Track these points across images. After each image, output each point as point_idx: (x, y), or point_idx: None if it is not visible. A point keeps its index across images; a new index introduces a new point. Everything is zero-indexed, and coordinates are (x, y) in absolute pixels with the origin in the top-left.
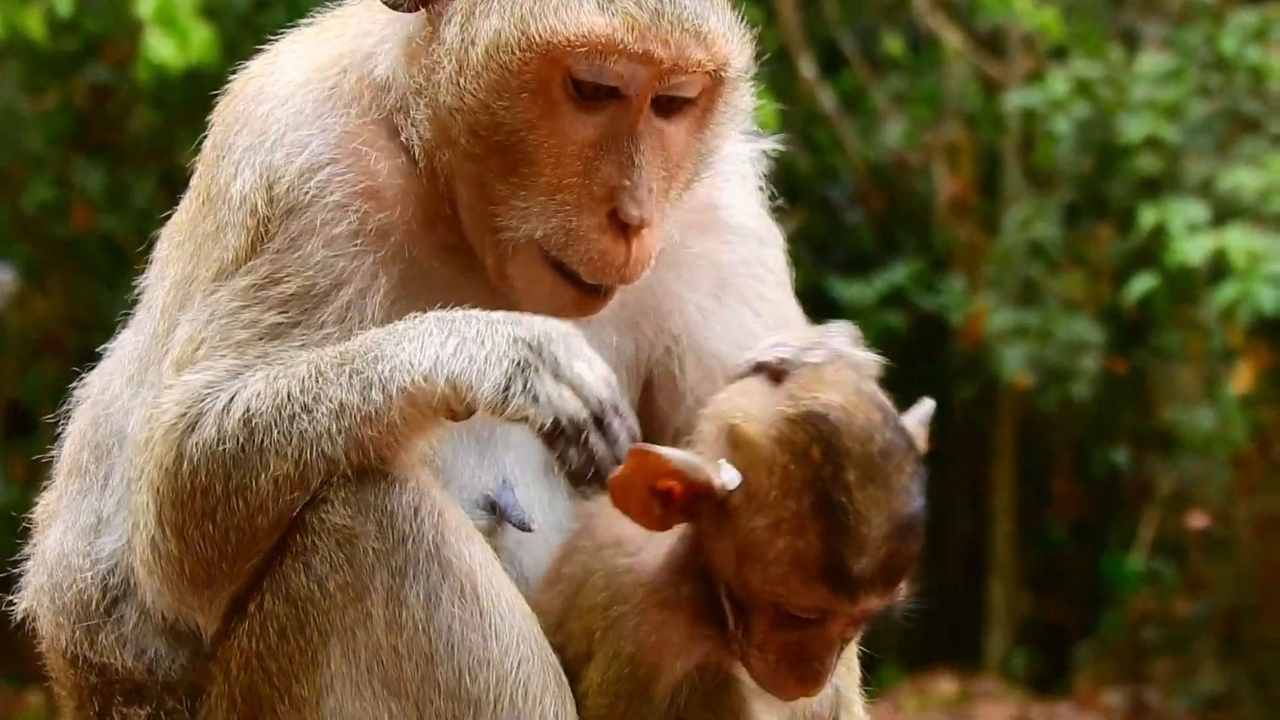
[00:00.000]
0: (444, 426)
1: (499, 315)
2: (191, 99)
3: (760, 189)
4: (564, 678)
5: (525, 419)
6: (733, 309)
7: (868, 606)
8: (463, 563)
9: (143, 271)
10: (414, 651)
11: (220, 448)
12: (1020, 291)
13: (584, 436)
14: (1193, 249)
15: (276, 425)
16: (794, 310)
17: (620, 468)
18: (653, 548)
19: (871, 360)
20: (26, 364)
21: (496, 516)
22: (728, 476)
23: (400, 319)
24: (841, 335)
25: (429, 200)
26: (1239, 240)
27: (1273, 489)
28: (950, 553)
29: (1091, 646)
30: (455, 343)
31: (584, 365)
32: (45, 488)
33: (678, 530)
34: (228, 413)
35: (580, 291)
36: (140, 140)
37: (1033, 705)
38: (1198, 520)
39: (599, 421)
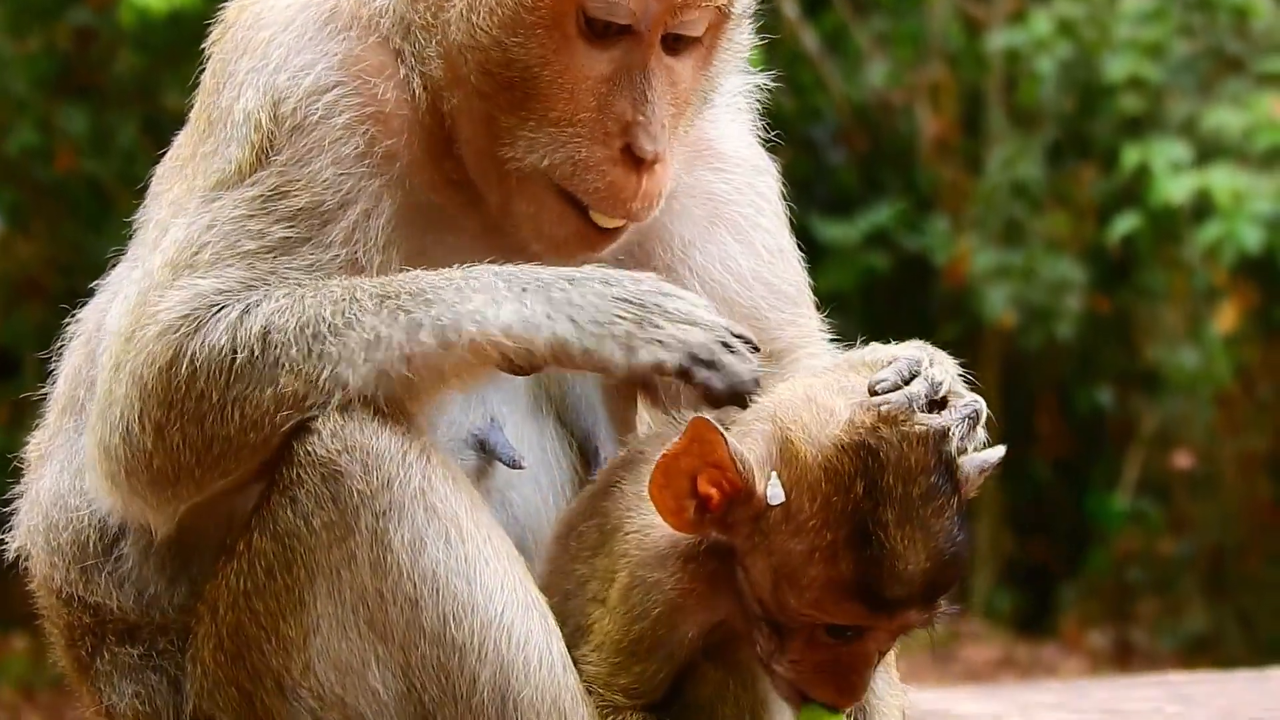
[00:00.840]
0: (494, 378)
1: (575, 273)
2: (175, 42)
3: (753, 122)
4: (551, 622)
5: (658, 367)
6: (725, 239)
7: (906, 621)
8: (448, 507)
9: (127, 215)
10: (399, 595)
11: (229, 356)
12: (1004, 231)
13: (716, 360)
14: (1176, 188)
15: (296, 342)
16: (788, 240)
17: (675, 441)
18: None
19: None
20: (10, 308)
21: (486, 455)
22: (774, 492)
23: (400, 247)
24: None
25: (431, 133)
26: (1222, 179)
27: (1257, 428)
28: None
29: (1076, 586)
30: (539, 299)
31: (683, 301)
32: (35, 427)
33: None
34: (242, 323)
35: (587, 224)
36: (124, 84)
37: (1017, 645)
38: (1182, 459)
39: (725, 345)
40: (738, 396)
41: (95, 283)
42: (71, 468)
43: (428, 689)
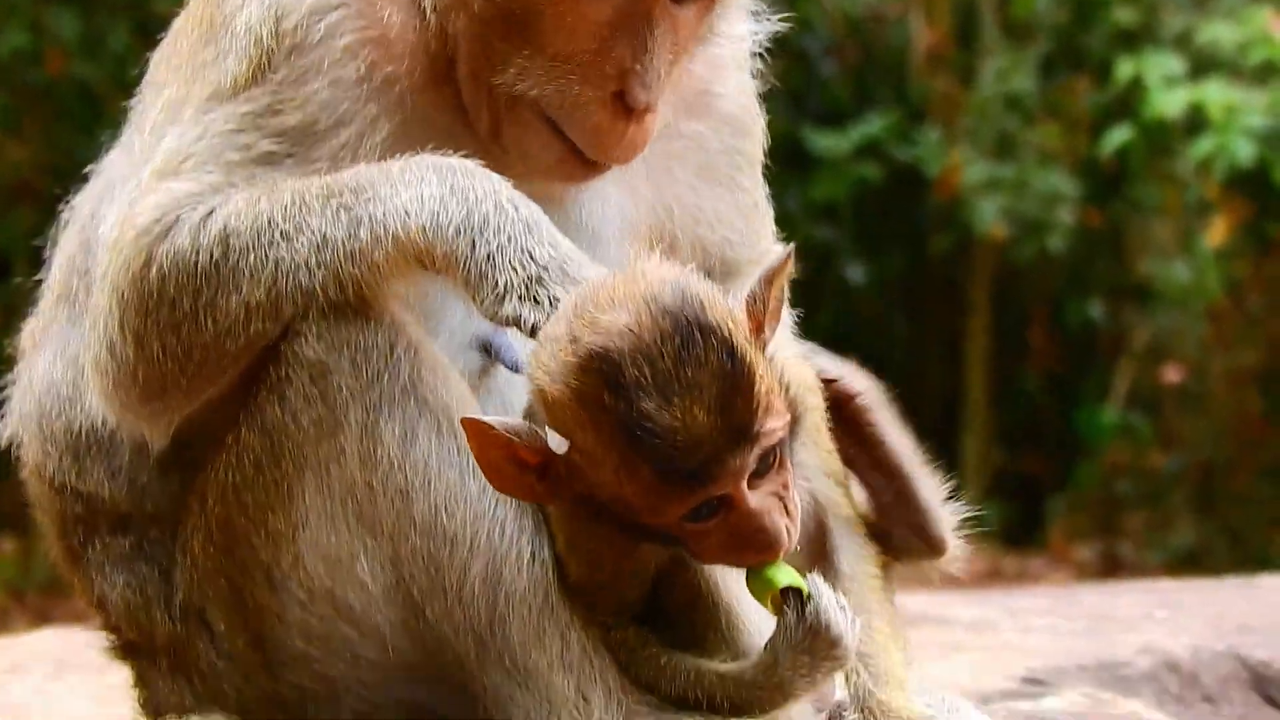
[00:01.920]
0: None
1: (508, 199)
2: None
3: (752, 73)
4: (542, 518)
5: (516, 323)
6: (713, 192)
7: (739, 467)
8: (439, 399)
9: (118, 119)
10: (389, 488)
11: (193, 259)
12: (996, 144)
13: None
14: (1169, 102)
15: (254, 249)
16: (762, 196)
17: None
18: None
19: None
20: (2, 211)
21: (490, 358)
22: (555, 442)
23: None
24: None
25: (435, 58)
26: (1216, 93)
27: (1247, 342)
28: (924, 406)
29: (1065, 500)
30: (460, 210)
31: (582, 275)
32: (28, 315)
33: None
34: (204, 226)
35: (573, 154)
36: None
37: (1005, 558)
38: (1172, 374)
39: None
40: None
41: (90, 167)
42: (65, 356)
43: (417, 580)
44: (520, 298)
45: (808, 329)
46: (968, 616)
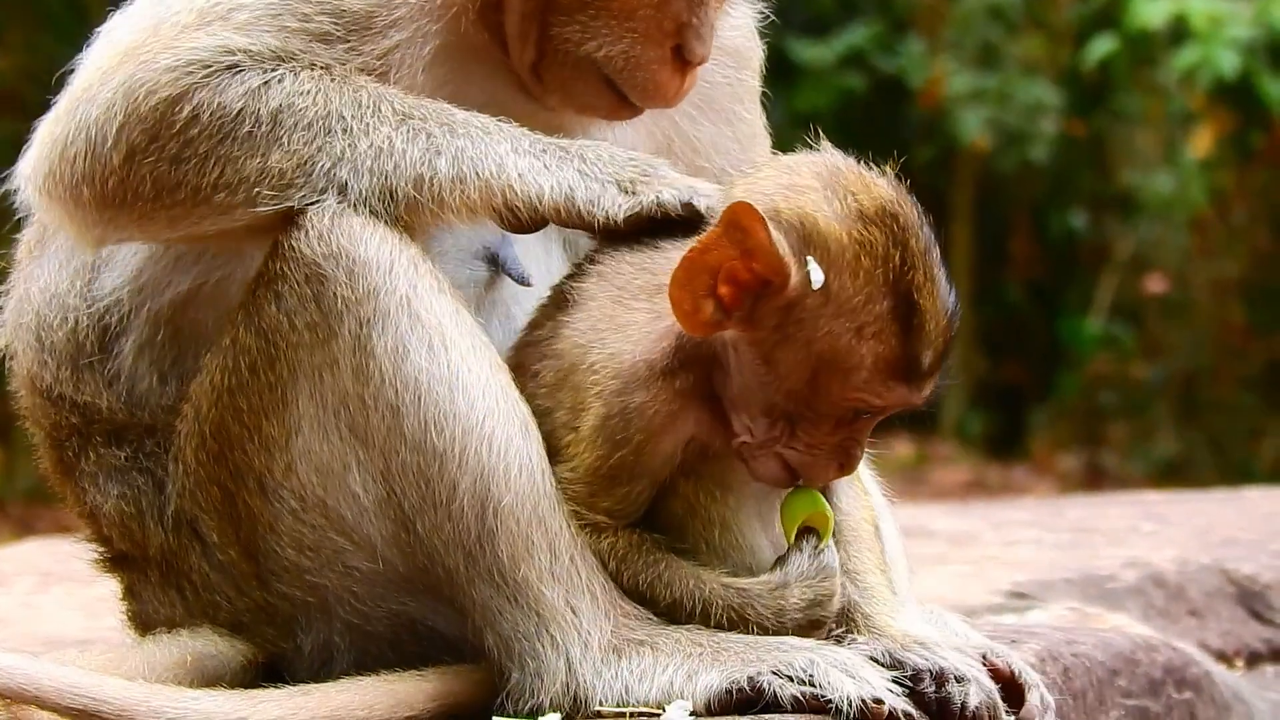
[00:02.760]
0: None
1: (587, 145)
2: None
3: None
4: (533, 430)
5: (659, 205)
6: (712, 124)
7: (927, 388)
8: (432, 315)
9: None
10: (380, 402)
11: (235, 120)
12: (979, 54)
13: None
14: (1153, 12)
15: (308, 129)
16: (760, 126)
17: (711, 229)
18: (655, 338)
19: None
20: None
21: (495, 269)
22: (816, 276)
23: (431, 83)
24: None
25: None
26: (1199, 4)
27: (1230, 252)
28: None
29: (1048, 410)
30: (555, 163)
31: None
32: (22, 226)
33: (676, 330)
34: (260, 95)
35: (621, 102)
36: None
37: (988, 468)
38: (1155, 284)
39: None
40: None
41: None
42: (70, 267)
43: (408, 495)
44: (648, 187)
45: None
46: (950, 529)
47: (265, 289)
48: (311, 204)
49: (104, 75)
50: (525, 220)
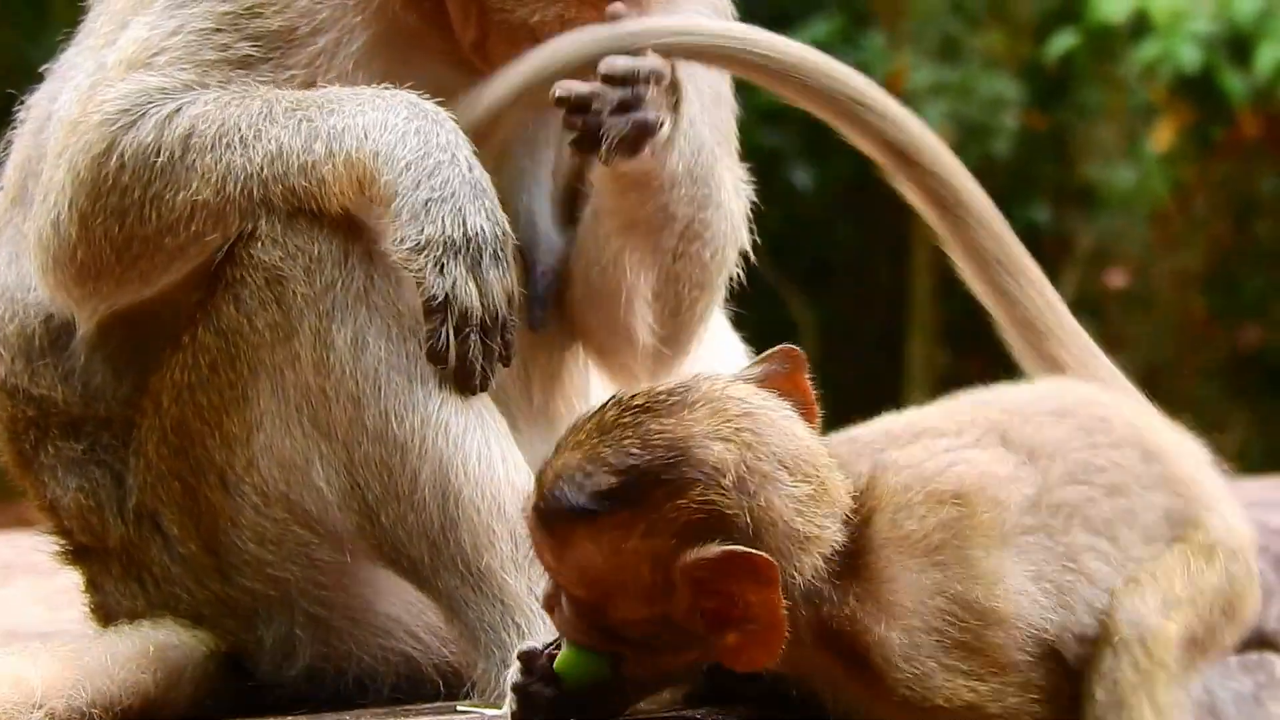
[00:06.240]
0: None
1: (466, 158)
2: None
3: None
4: (491, 420)
5: (419, 278)
6: None
7: None
8: (390, 305)
9: (66, 23)
10: (341, 394)
11: (153, 153)
12: (941, 47)
13: (467, 333)
14: (1114, 6)
15: (211, 149)
16: (726, 88)
17: None
18: None
19: None
20: None
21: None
22: None
23: (368, 72)
24: None
25: None
26: None
27: (1191, 245)
28: (870, 309)
29: None
30: (418, 149)
31: (499, 276)
32: None
33: None
34: (170, 122)
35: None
36: None
37: None
38: (1117, 277)
39: (486, 329)
40: (460, 369)
41: (45, 67)
42: (19, 263)
43: (371, 487)
44: (434, 260)
45: (756, 233)
46: None
47: (224, 291)
48: (245, 221)
49: (56, 158)
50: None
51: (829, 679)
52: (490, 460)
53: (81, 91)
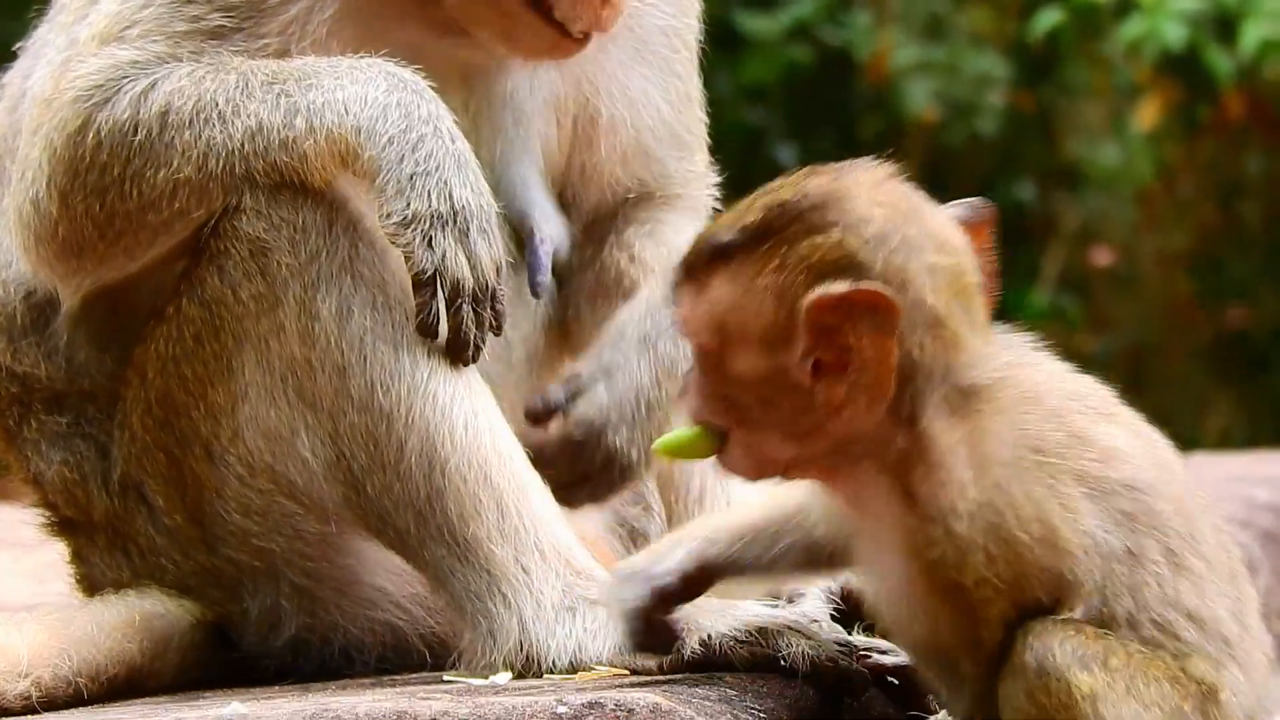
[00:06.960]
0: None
1: (448, 130)
2: None
3: None
4: (478, 391)
5: (408, 252)
6: (644, 72)
7: None
8: (375, 274)
9: (42, 2)
10: (326, 364)
11: (130, 130)
12: (926, 26)
13: (459, 304)
14: None
15: (189, 126)
16: (696, 87)
17: None
18: None
19: None
20: None
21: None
22: None
23: (343, 39)
24: None
25: None
26: None
27: (1177, 225)
28: None
29: None
30: (400, 123)
31: (487, 247)
32: None
33: None
34: (145, 99)
35: (557, 33)
36: None
37: None
38: (1102, 257)
39: (477, 299)
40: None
41: (18, 45)
42: (1, 245)
43: (357, 457)
44: (422, 233)
45: None
46: None
47: (208, 263)
48: (229, 196)
49: (32, 135)
50: (356, 176)
51: (868, 516)
52: (477, 429)
53: (55, 67)
